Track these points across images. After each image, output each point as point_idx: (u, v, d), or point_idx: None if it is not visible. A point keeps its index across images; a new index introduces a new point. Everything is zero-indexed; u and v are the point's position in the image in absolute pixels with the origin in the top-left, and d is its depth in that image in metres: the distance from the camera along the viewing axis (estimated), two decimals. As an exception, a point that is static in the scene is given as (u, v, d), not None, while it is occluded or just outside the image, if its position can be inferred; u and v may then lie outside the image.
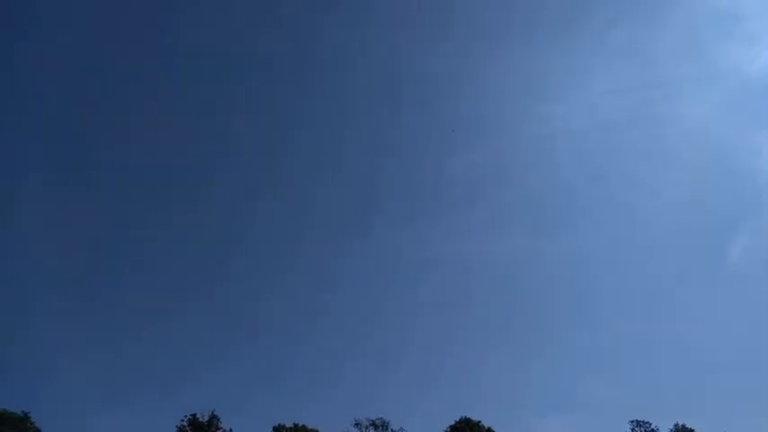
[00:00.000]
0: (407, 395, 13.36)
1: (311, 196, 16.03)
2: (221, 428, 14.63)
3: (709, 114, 20.85)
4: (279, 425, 14.42)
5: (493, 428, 14.85)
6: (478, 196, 16.12)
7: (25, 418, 14.68)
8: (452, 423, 15.57)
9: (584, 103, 17.78)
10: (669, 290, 15.99)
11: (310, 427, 14.48)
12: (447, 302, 14.84)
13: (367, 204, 16.54)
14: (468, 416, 15.60)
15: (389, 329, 14.83)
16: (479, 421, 15.56)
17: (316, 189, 15.91)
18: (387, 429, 15.40)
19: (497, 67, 16.55)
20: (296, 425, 14.73)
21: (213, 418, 14.93)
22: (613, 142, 16.66)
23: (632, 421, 15.99)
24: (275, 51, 16.70)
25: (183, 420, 14.97)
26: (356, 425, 15.48)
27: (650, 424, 16.10)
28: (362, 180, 16.54)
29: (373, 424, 15.51)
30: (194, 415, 14.96)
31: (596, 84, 17.78)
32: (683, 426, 15.46)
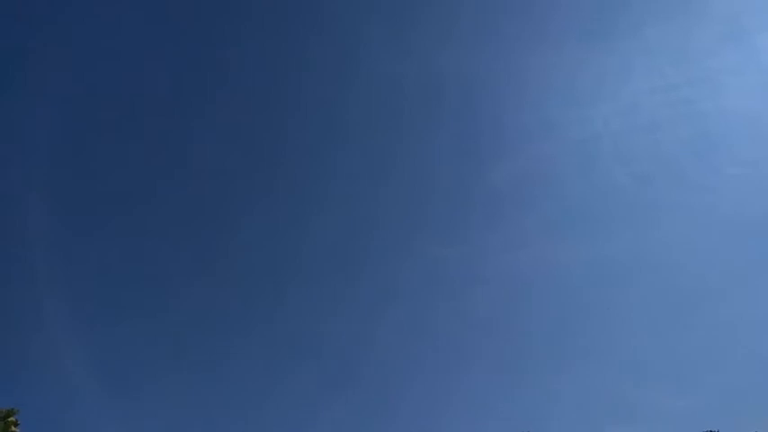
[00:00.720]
0: (465, 414, 13.08)
1: (359, 214, 16.02)
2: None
3: (757, 106, 19.87)
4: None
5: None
6: (526, 204, 15.64)
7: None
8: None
9: (624, 103, 17.21)
10: (733, 290, 15.27)
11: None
12: (503, 316, 14.59)
13: (414, 220, 16.43)
14: (529, 431, 15.25)
15: (444, 348, 14.63)
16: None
17: (362, 206, 15.88)
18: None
19: (536, 71, 16.14)
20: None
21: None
22: (658, 141, 16.05)
23: (704, 432, 15.28)
24: (318, 60, 16.71)
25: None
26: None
27: (724, 434, 15.32)
28: (407, 195, 16.49)
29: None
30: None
31: (636, 82, 17.22)
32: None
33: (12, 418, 6.14)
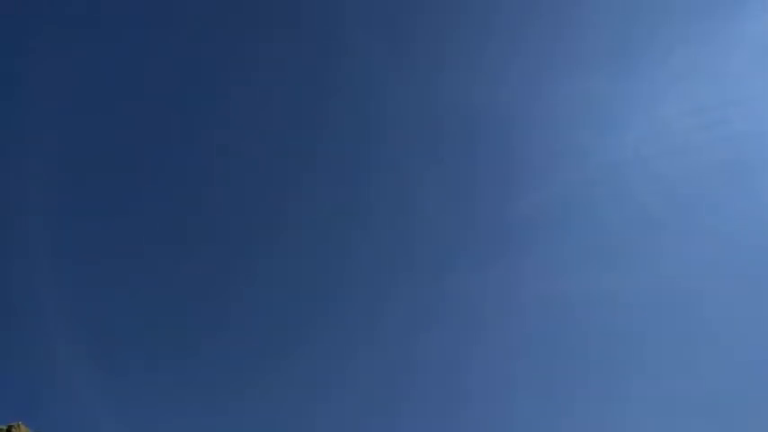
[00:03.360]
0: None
1: (392, 241, 15.69)
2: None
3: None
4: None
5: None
6: (560, 231, 15.14)
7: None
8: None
9: (655, 127, 16.72)
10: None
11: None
12: (541, 343, 14.16)
13: (447, 248, 16.03)
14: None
15: (482, 377, 14.24)
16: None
17: (396, 233, 15.54)
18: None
19: (565, 98, 15.75)
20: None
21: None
22: (692, 165, 15.48)
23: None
24: (350, 94, 16.47)
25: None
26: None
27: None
28: (440, 223, 16.23)
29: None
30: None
31: (666, 106, 16.72)
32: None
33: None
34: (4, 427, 7.50)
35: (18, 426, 7.57)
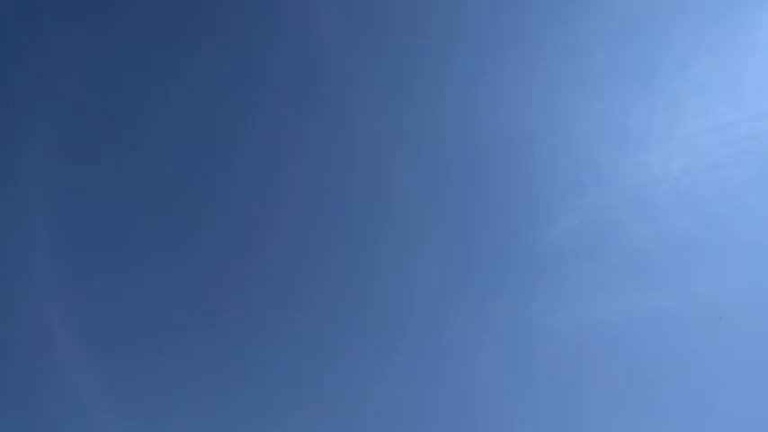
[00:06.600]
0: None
1: (402, 277, 15.21)
2: None
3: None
4: None
5: None
6: (589, 257, 14.55)
7: None
8: None
9: (679, 144, 16.15)
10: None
11: None
12: (561, 383, 13.42)
13: (479, 281, 15.51)
14: None
15: (503, 415, 13.59)
16: None
17: (407, 266, 15.04)
18: None
19: (580, 119, 15.26)
20: None
21: None
22: (722, 181, 14.80)
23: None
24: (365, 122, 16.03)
25: None
26: None
27: None
28: (451, 254, 15.67)
29: None
30: None
31: (689, 123, 16.18)
32: None
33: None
34: None
35: None
